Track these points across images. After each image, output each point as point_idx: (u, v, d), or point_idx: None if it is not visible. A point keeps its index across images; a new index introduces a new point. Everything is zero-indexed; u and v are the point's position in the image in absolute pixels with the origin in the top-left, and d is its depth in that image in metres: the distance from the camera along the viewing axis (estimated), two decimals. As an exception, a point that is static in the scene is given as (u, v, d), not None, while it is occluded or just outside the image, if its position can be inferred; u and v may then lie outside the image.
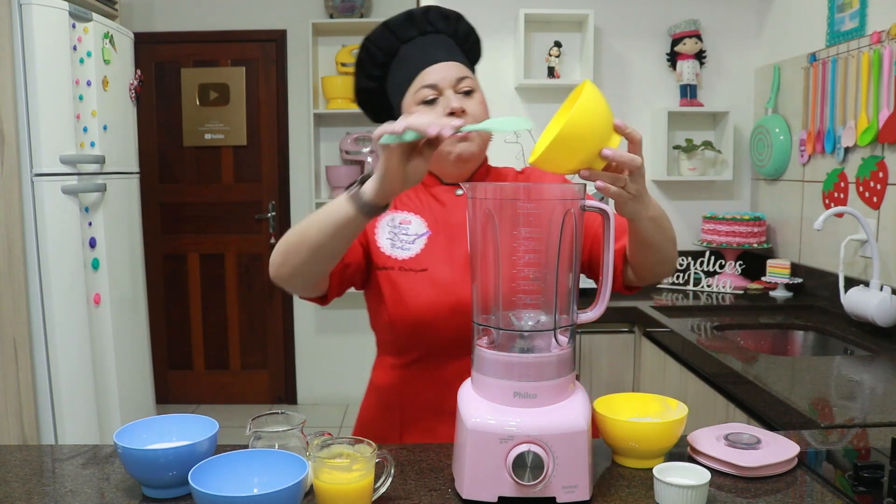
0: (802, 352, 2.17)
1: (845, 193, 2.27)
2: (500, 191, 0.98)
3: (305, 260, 1.07)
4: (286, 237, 1.10)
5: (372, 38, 1.30)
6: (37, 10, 2.39)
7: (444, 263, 1.23)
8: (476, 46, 1.39)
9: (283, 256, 1.09)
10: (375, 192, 0.98)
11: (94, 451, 1.12)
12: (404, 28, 1.29)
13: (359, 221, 1.01)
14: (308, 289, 1.16)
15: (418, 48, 1.27)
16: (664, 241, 1.09)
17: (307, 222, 1.07)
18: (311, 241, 1.05)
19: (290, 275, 1.10)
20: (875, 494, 0.97)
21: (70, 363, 2.52)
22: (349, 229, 1.03)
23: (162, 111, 4.13)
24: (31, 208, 2.43)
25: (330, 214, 1.03)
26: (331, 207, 1.03)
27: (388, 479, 0.93)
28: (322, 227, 1.03)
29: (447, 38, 1.31)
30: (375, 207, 1.00)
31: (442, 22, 1.31)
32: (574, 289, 0.98)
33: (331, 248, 1.05)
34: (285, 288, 1.15)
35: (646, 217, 1.03)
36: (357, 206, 1.00)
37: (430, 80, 1.23)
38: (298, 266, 1.08)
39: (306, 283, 1.13)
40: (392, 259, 1.24)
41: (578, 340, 2.39)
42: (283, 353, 4.28)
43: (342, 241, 1.05)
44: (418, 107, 1.24)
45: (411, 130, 0.92)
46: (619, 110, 2.92)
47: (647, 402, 1.11)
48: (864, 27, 2.17)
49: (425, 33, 1.29)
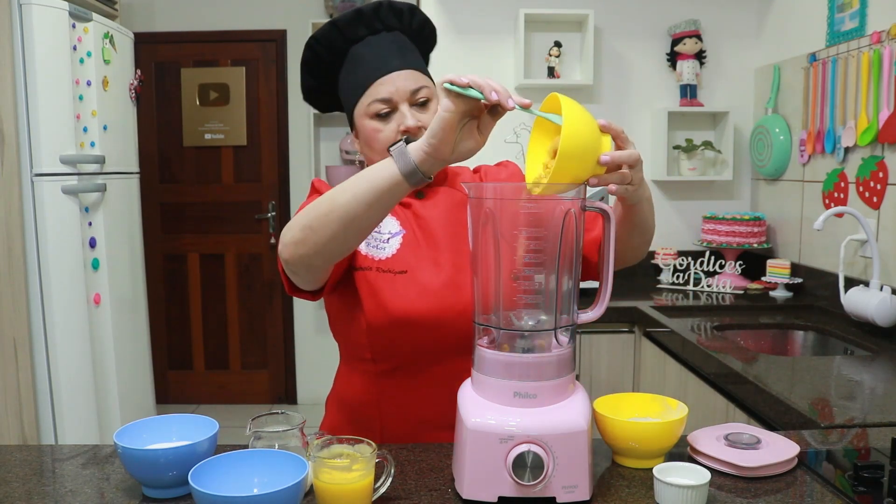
0: (802, 352, 2.17)
1: (845, 193, 2.27)
2: (500, 191, 0.98)
3: (332, 236, 0.96)
4: (307, 212, 0.98)
5: (318, 38, 1.22)
6: (37, 10, 2.39)
7: (423, 265, 1.18)
8: (431, 37, 1.30)
9: (305, 233, 0.97)
10: (424, 151, 0.90)
11: (94, 451, 1.12)
12: (353, 27, 1.20)
13: (401, 188, 0.93)
14: (318, 276, 1.06)
15: (370, 51, 1.19)
16: (652, 219, 1.11)
17: (333, 194, 0.96)
18: (343, 214, 0.94)
19: (311, 255, 0.98)
20: (875, 494, 0.97)
21: (70, 363, 2.52)
22: (391, 196, 0.93)
23: (162, 111, 4.13)
24: (31, 208, 2.43)
25: (368, 181, 0.93)
26: (367, 173, 0.94)
27: (388, 479, 0.93)
28: (357, 194, 0.93)
29: (400, 35, 1.23)
30: (422, 174, 0.92)
31: (394, 19, 1.22)
32: (574, 289, 0.98)
33: (366, 219, 0.95)
34: (295, 273, 1.04)
35: (644, 199, 1.04)
36: (401, 166, 0.91)
37: (383, 94, 1.16)
38: (324, 243, 0.97)
39: (324, 266, 1.03)
40: (369, 259, 1.18)
41: (578, 340, 2.39)
42: (283, 353, 4.28)
43: (380, 213, 0.95)
44: (371, 121, 1.17)
45: (473, 88, 0.88)
46: (619, 110, 2.92)
47: (647, 402, 1.11)
48: (864, 27, 2.17)
49: (377, 32, 1.21)
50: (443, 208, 1.24)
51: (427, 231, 1.22)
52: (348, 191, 0.95)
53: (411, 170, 0.92)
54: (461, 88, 0.88)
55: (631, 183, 0.97)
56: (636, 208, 1.05)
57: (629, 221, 1.07)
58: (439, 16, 2.87)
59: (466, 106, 0.90)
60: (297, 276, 1.05)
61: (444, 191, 1.27)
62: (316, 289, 1.13)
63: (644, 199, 1.04)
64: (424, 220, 1.23)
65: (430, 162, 0.92)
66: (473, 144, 0.93)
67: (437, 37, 1.33)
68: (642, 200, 1.04)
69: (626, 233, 1.09)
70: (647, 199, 1.06)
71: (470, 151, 0.93)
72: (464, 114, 0.90)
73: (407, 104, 1.17)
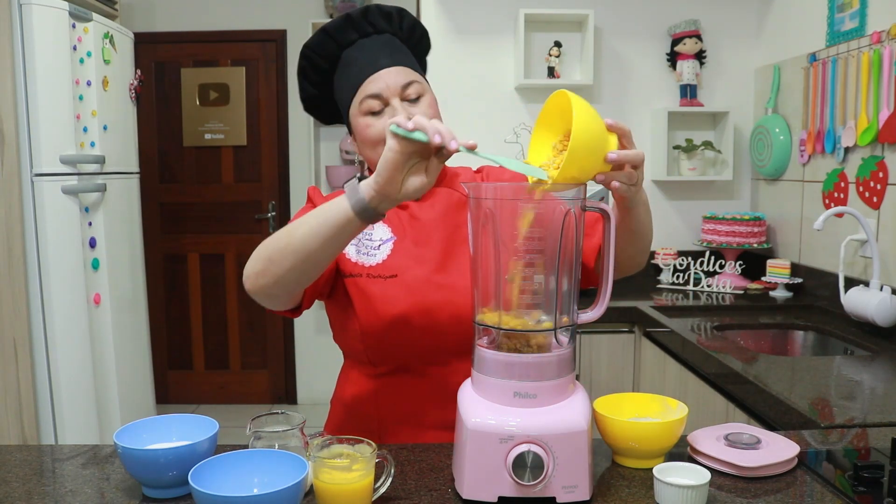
0: (802, 352, 2.17)
1: (845, 193, 2.27)
2: (500, 191, 0.98)
3: (290, 269, 1.00)
4: (266, 245, 1.03)
5: (311, 45, 1.24)
6: (37, 10, 2.39)
7: (415, 268, 1.18)
8: (423, 39, 1.32)
9: (265, 264, 1.02)
10: (372, 188, 0.93)
11: (94, 451, 1.12)
12: (343, 32, 1.22)
13: (354, 225, 0.96)
14: (285, 302, 1.09)
15: (361, 53, 1.21)
16: (650, 226, 1.10)
17: (292, 227, 1.01)
18: (298, 248, 0.98)
19: (270, 285, 1.03)
20: (875, 494, 0.97)
21: (70, 363, 2.52)
22: (343, 234, 0.97)
23: (162, 111, 4.13)
24: (31, 208, 2.43)
25: (322, 217, 0.97)
26: (322, 209, 0.98)
27: (388, 479, 0.93)
28: (312, 231, 0.97)
29: (391, 37, 1.24)
30: (372, 211, 0.94)
31: (383, 21, 1.24)
32: (574, 288, 0.98)
33: (321, 254, 0.99)
34: (260, 301, 1.08)
35: (640, 202, 1.04)
36: (352, 202, 0.94)
37: (373, 90, 1.17)
38: (282, 275, 1.01)
39: (286, 295, 1.07)
40: (359, 266, 1.19)
41: (578, 340, 2.39)
42: (283, 353, 4.28)
43: (333, 248, 0.99)
44: (364, 118, 1.18)
45: (420, 131, 0.89)
46: (619, 110, 2.92)
47: (647, 402, 1.11)
48: (864, 27, 2.17)
49: (367, 35, 1.23)
50: (440, 209, 1.24)
51: (422, 233, 1.22)
52: (305, 225, 0.98)
53: (362, 206, 0.94)
54: (406, 132, 0.90)
55: (635, 184, 0.98)
56: (633, 213, 1.05)
57: (626, 227, 1.07)
58: (439, 16, 2.87)
59: (412, 147, 0.91)
60: (264, 303, 1.09)
61: (442, 191, 1.27)
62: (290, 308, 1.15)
63: (641, 203, 1.04)
64: (420, 222, 1.23)
65: (378, 199, 0.94)
66: (420, 184, 0.94)
67: (429, 39, 1.34)
68: (639, 205, 1.04)
69: (623, 240, 1.09)
70: (644, 203, 1.06)
71: (417, 191, 0.94)
72: (410, 154, 0.92)
73: (398, 99, 1.18)
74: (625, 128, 0.95)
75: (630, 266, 1.16)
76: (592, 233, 1.17)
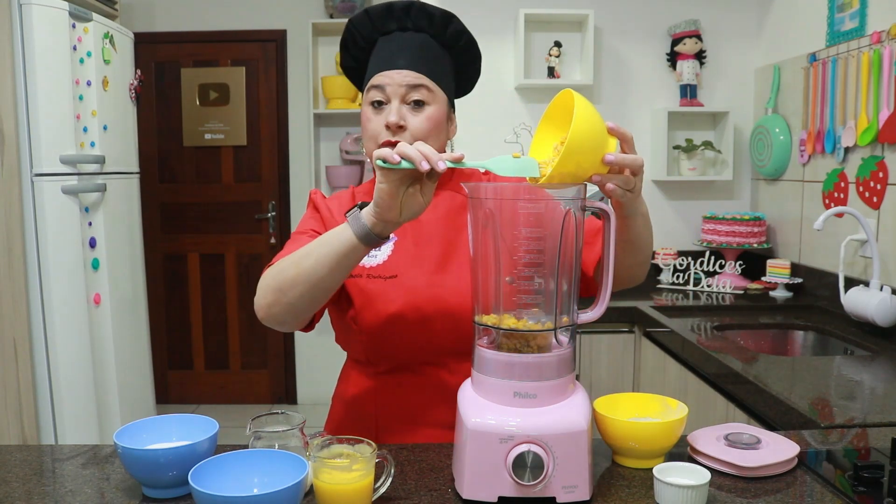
0: (802, 352, 2.17)
1: (845, 193, 2.27)
2: (500, 191, 0.98)
3: (300, 297, 1.03)
4: (274, 274, 1.06)
5: (354, 22, 1.24)
6: (37, 10, 2.39)
7: (413, 268, 1.19)
8: (471, 49, 1.27)
9: (275, 295, 1.04)
10: (373, 216, 0.95)
11: (94, 451, 1.12)
12: (383, 19, 1.22)
13: (359, 252, 0.98)
14: (299, 323, 1.12)
15: (390, 45, 1.20)
16: (649, 239, 1.10)
17: (297, 258, 1.03)
18: (307, 278, 1.01)
19: (283, 314, 1.06)
20: (875, 494, 0.97)
21: (70, 363, 2.52)
22: (349, 260, 0.99)
23: (162, 111, 4.13)
24: (31, 208, 2.43)
25: (328, 244, 0.99)
26: (328, 238, 1.00)
27: (388, 479, 0.93)
28: (319, 261, 0.99)
29: (429, 39, 1.22)
30: (376, 237, 0.96)
31: (425, 20, 1.21)
32: (574, 289, 0.98)
33: (329, 281, 1.01)
34: (272, 326, 1.10)
35: (640, 213, 1.04)
36: (356, 230, 0.96)
37: (378, 82, 1.18)
38: (293, 303, 1.04)
39: (299, 319, 1.09)
40: (359, 267, 1.20)
41: (578, 340, 2.39)
42: (283, 353, 4.28)
43: (341, 273, 1.01)
44: (367, 107, 1.20)
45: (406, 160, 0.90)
46: (619, 110, 2.92)
47: (647, 402, 1.11)
48: (864, 27, 2.17)
49: (405, 29, 1.21)
50: (442, 211, 1.25)
51: (423, 234, 1.23)
52: (311, 255, 1.01)
53: (365, 233, 0.96)
54: (391, 165, 0.91)
55: (632, 190, 0.97)
56: (631, 223, 1.04)
57: (623, 238, 1.06)
58: (439, 16, 2.86)
59: (401, 174, 0.92)
60: (278, 327, 1.12)
61: (445, 194, 1.27)
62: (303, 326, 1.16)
63: (640, 215, 1.04)
64: (421, 224, 1.23)
65: (381, 226, 0.96)
66: (418, 207, 0.96)
67: (479, 51, 1.28)
68: (637, 215, 1.03)
69: (621, 250, 1.08)
70: (644, 215, 1.05)
71: (416, 213, 0.96)
72: (401, 181, 0.93)
73: (398, 101, 1.17)
74: (627, 133, 0.95)
75: (628, 278, 1.15)
76: (593, 241, 1.17)
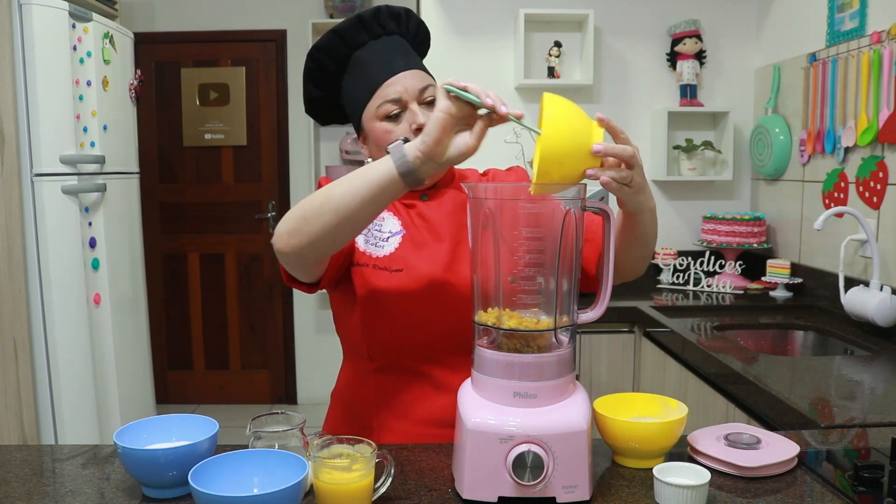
0: (802, 352, 2.17)
1: (845, 193, 2.27)
2: (500, 191, 0.98)
3: (326, 228, 0.98)
4: (303, 204, 1.01)
5: (320, 47, 1.23)
6: (37, 10, 2.39)
7: (419, 264, 1.18)
8: (426, 39, 1.32)
9: (299, 223, 0.99)
10: (419, 149, 0.93)
11: (94, 451, 1.12)
12: (355, 33, 1.22)
13: (396, 186, 0.95)
14: (310, 268, 1.07)
15: (373, 55, 1.21)
16: (653, 235, 1.09)
17: (330, 187, 0.99)
18: (336, 206, 0.97)
19: (303, 245, 1.00)
20: (875, 494, 0.97)
21: (70, 363, 2.52)
22: (384, 194, 0.96)
23: (162, 111, 4.13)
24: (31, 208, 2.43)
25: (363, 176, 0.96)
26: (364, 169, 0.97)
27: (388, 479, 0.93)
28: (352, 189, 0.96)
29: (399, 38, 1.24)
30: (416, 172, 0.94)
31: (393, 22, 1.23)
32: (574, 288, 0.98)
33: (358, 214, 0.97)
34: (287, 263, 1.06)
35: (647, 209, 1.02)
36: (396, 161, 0.94)
37: (393, 95, 1.17)
38: (316, 235, 0.98)
39: (315, 259, 1.04)
40: (366, 256, 1.19)
41: (578, 340, 2.39)
42: (283, 353, 4.28)
43: (372, 208, 0.97)
44: (382, 123, 1.18)
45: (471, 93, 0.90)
46: (618, 110, 2.92)
47: (647, 402, 1.11)
48: (864, 27, 2.17)
49: (377, 37, 1.23)
50: (448, 209, 1.25)
51: (430, 231, 1.23)
52: (344, 184, 0.98)
53: (407, 168, 0.94)
54: (459, 90, 0.90)
55: (630, 185, 0.95)
56: (638, 219, 1.03)
57: (629, 232, 1.06)
58: (439, 16, 2.87)
59: (462, 109, 0.92)
60: (290, 266, 1.08)
61: (450, 192, 1.27)
62: (312, 281, 1.14)
63: (647, 210, 1.02)
64: (429, 221, 1.23)
65: (423, 159, 0.94)
66: (465, 149, 0.95)
67: (430, 40, 1.34)
68: (644, 211, 1.01)
69: (625, 244, 1.07)
70: (651, 210, 1.03)
71: (462, 155, 0.95)
72: (458, 117, 0.92)
73: (416, 103, 1.18)
74: (616, 127, 0.93)
75: (631, 271, 1.15)
76: (594, 238, 1.17)
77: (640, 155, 0.95)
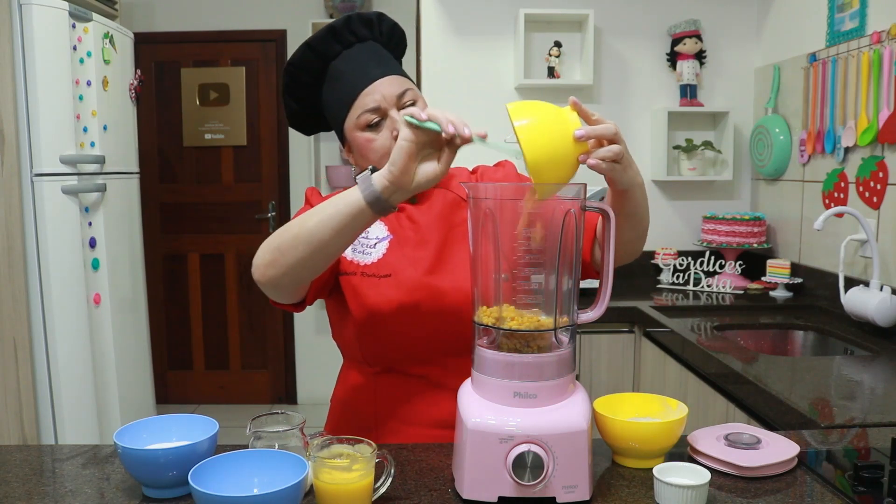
0: (802, 352, 2.17)
1: (845, 193, 2.27)
2: (500, 191, 0.98)
3: (300, 259, 1.00)
4: (276, 235, 1.03)
5: (295, 62, 1.24)
6: (37, 10, 2.39)
7: (408, 268, 1.18)
8: (402, 40, 1.32)
9: (274, 255, 1.02)
10: (386, 178, 0.94)
11: (94, 451, 1.12)
12: (327, 44, 1.22)
13: (366, 216, 0.97)
14: (291, 293, 1.10)
15: (348, 65, 1.21)
16: (646, 211, 1.10)
17: (302, 218, 1.01)
18: (308, 238, 0.99)
19: (279, 276, 1.03)
20: (875, 494, 0.97)
21: (70, 363, 2.52)
22: (354, 225, 0.97)
23: (162, 111, 4.13)
24: (31, 208, 2.43)
25: (334, 207, 0.97)
26: (335, 200, 0.98)
27: (388, 479, 0.93)
28: (323, 221, 0.98)
29: (373, 43, 1.24)
30: (385, 202, 0.95)
31: (365, 29, 1.24)
32: (574, 289, 0.98)
33: (331, 245, 0.99)
34: (267, 291, 1.08)
35: (636, 184, 1.03)
36: (364, 192, 0.95)
37: (371, 104, 1.17)
38: (291, 266, 1.01)
39: (293, 287, 1.07)
40: (354, 264, 1.19)
41: (578, 340, 2.39)
42: (283, 353, 4.28)
43: (344, 239, 0.99)
44: (363, 133, 1.19)
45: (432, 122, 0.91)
46: (618, 110, 2.92)
47: (647, 402, 1.11)
48: (864, 27, 2.17)
49: (350, 45, 1.23)
50: (437, 210, 1.25)
51: (418, 234, 1.22)
52: (316, 216, 0.99)
53: (375, 197, 0.95)
54: (420, 122, 0.92)
55: (620, 162, 0.96)
56: (628, 195, 1.03)
57: (621, 211, 1.06)
58: (439, 16, 2.87)
59: (425, 137, 0.93)
60: (271, 294, 1.10)
61: (438, 192, 1.27)
62: (296, 301, 1.15)
63: (636, 185, 1.03)
64: (416, 224, 1.23)
65: (391, 189, 0.95)
66: (433, 175, 0.96)
67: (406, 40, 1.34)
68: (635, 185, 1.02)
69: (621, 224, 1.08)
70: (640, 185, 1.04)
71: (429, 181, 0.96)
72: (423, 144, 0.94)
73: (395, 109, 1.18)
74: (586, 110, 0.94)
75: (628, 252, 1.15)
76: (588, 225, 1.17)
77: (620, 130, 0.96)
